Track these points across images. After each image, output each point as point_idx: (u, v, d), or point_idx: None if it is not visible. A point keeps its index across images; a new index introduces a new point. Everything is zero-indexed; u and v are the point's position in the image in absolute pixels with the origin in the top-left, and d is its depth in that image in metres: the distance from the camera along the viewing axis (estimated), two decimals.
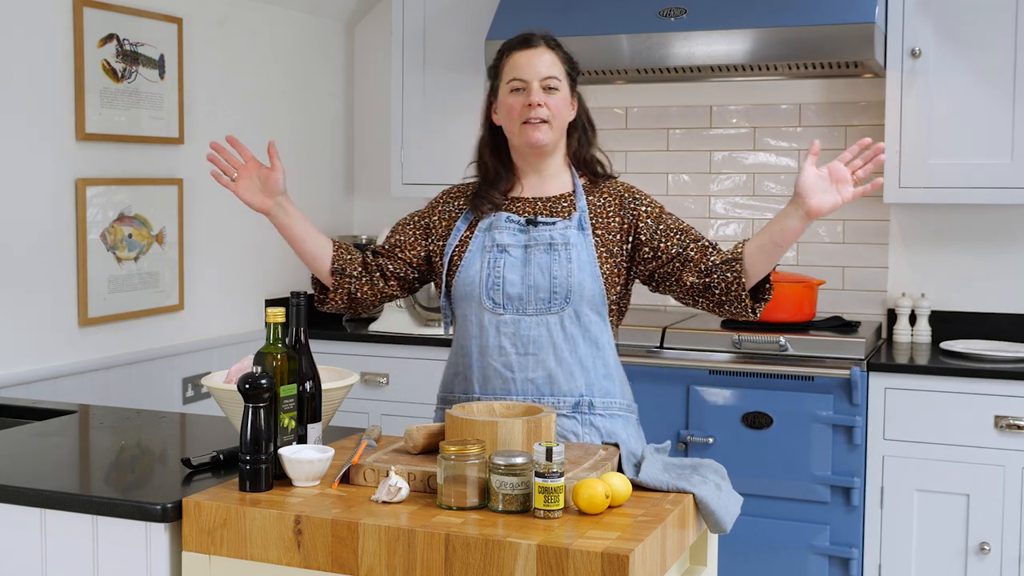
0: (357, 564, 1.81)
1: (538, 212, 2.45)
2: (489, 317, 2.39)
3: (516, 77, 2.40)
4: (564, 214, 2.44)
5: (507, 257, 2.40)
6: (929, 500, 3.47)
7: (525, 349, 2.38)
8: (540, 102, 2.38)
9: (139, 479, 2.21)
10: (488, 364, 2.40)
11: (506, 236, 2.42)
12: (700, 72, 3.83)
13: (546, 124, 2.39)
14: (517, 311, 2.38)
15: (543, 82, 2.39)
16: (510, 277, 2.39)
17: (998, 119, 3.58)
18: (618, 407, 2.44)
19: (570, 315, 2.37)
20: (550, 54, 2.42)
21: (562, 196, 2.47)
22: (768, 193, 4.19)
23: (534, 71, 2.39)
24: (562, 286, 2.37)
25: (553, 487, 1.82)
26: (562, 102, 2.42)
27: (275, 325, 2.03)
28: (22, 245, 3.17)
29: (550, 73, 2.40)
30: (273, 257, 4.23)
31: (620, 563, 1.66)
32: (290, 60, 4.29)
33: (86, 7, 3.31)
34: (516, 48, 2.43)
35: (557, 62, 2.42)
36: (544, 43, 2.43)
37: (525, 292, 2.38)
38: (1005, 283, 3.91)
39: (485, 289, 2.39)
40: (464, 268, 2.43)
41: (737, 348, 3.63)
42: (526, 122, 2.39)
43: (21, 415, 2.70)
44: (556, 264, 2.38)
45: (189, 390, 3.79)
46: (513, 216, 2.44)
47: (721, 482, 2.09)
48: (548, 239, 2.40)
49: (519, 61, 2.41)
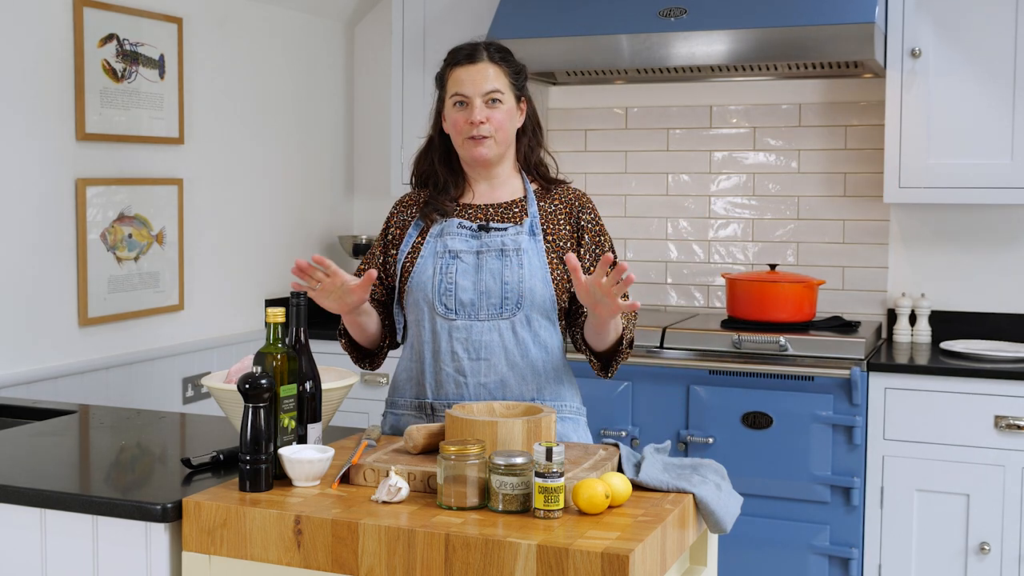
0: (357, 564, 1.81)
1: (490, 218, 2.46)
2: (441, 323, 2.40)
3: (458, 92, 2.42)
4: (516, 220, 2.45)
5: (459, 263, 2.41)
6: (929, 500, 3.47)
7: (477, 354, 2.39)
8: (482, 119, 2.39)
9: (139, 479, 2.21)
10: (441, 369, 2.41)
11: (458, 242, 2.43)
12: (700, 72, 3.83)
13: (490, 139, 2.41)
14: (469, 316, 2.39)
15: (485, 96, 2.40)
16: (462, 283, 2.40)
17: (998, 119, 3.58)
18: (569, 410, 2.47)
19: (521, 320, 2.39)
20: (493, 68, 2.42)
21: (513, 202, 2.48)
22: (768, 193, 4.19)
23: (476, 87, 2.40)
24: (513, 292, 2.38)
25: (553, 487, 1.82)
26: (506, 115, 2.42)
27: (275, 325, 2.03)
28: (22, 245, 3.17)
29: (492, 87, 2.40)
30: (273, 257, 4.23)
31: (620, 563, 1.66)
32: (290, 60, 4.29)
33: (86, 7, 3.31)
34: (459, 63, 2.44)
35: (500, 75, 2.43)
36: (487, 57, 2.43)
37: (477, 298, 2.39)
38: (1005, 283, 3.92)
39: (437, 295, 2.40)
40: (416, 274, 2.43)
41: (737, 348, 3.63)
42: (470, 137, 2.41)
43: (21, 415, 2.70)
44: (508, 270, 2.39)
45: (189, 390, 3.79)
46: (465, 222, 2.45)
47: (721, 482, 2.09)
48: (500, 245, 2.41)
49: (461, 76, 2.42)
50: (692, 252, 4.28)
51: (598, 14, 3.77)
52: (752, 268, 4.21)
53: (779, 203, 4.18)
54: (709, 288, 4.27)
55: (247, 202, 4.08)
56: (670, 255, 4.30)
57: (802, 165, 4.14)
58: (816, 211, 4.13)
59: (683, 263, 4.29)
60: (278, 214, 4.26)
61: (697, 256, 4.28)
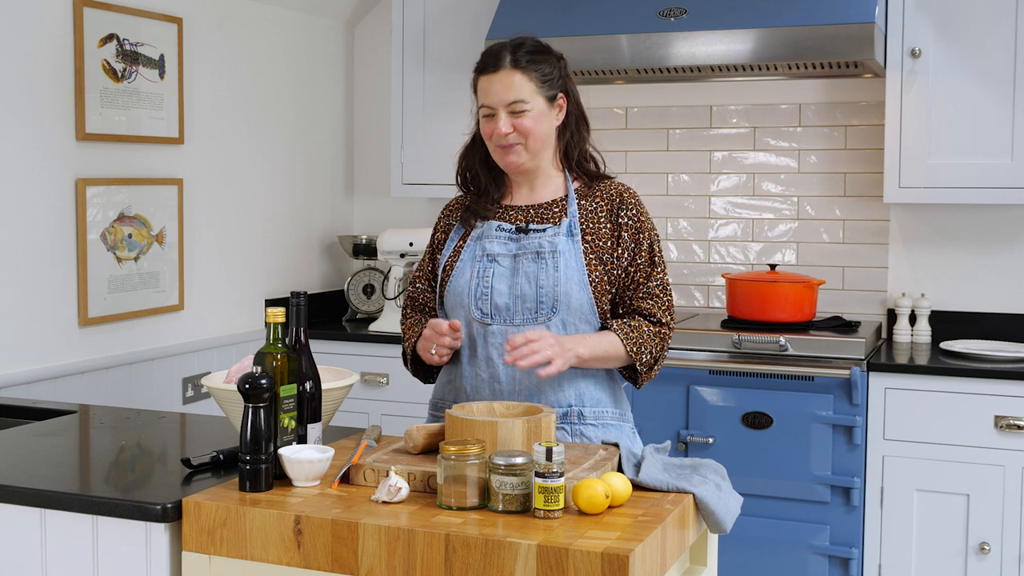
0: (357, 564, 1.81)
1: (529, 220, 2.43)
2: (477, 327, 2.38)
3: (484, 104, 2.39)
4: (555, 220, 2.41)
5: (496, 267, 2.39)
6: (929, 500, 3.47)
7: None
8: (507, 130, 2.36)
9: (139, 479, 2.21)
10: (477, 375, 2.39)
11: (496, 245, 2.41)
12: (700, 72, 3.83)
13: (519, 146, 2.38)
14: (505, 321, 2.37)
15: (509, 107, 2.36)
16: (498, 287, 2.37)
17: (998, 119, 3.58)
18: (610, 416, 2.42)
19: (557, 325, 2.35)
20: (516, 75, 2.35)
21: (554, 202, 2.44)
22: (768, 193, 4.19)
23: (498, 98, 2.36)
24: (548, 296, 2.34)
25: (553, 487, 1.82)
26: (534, 120, 2.37)
27: (275, 325, 2.03)
28: (22, 245, 3.17)
29: (515, 97, 2.35)
30: (273, 257, 4.23)
31: (620, 563, 1.66)
32: (290, 60, 4.29)
33: (86, 7, 3.31)
34: (482, 72, 2.40)
35: (525, 81, 2.36)
36: (510, 63, 2.36)
37: (512, 302, 2.36)
38: (1005, 283, 3.92)
39: (474, 299, 2.38)
40: (455, 278, 2.42)
41: (737, 348, 3.62)
42: (500, 146, 2.39)
43: (21, 415, 2.70)
44: (543, 273, 2.35)
45: (189, 390, 3.79)
46: (504, 224, 2.43)
47: (721, 482, 2.09)
48: (536, 247, 2.37)
49: (485, 87, 2.39)
50: (692, 252, 4.28)
51: (598, 14, 3.77)
52: (752, 268, 4.21)
53: (779, 203, 4.18)
54: (709, 288, 4.27)
55: (247, 202, 4.08)
56: (670, 255, 4.30)
57: (802, 165, 4.14)
58: (816, 211, 4.13)
59: (683, 263, 4.29)
60: (278, 214, 4.25)
61: (697, 256, 4.28)
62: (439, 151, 4.22)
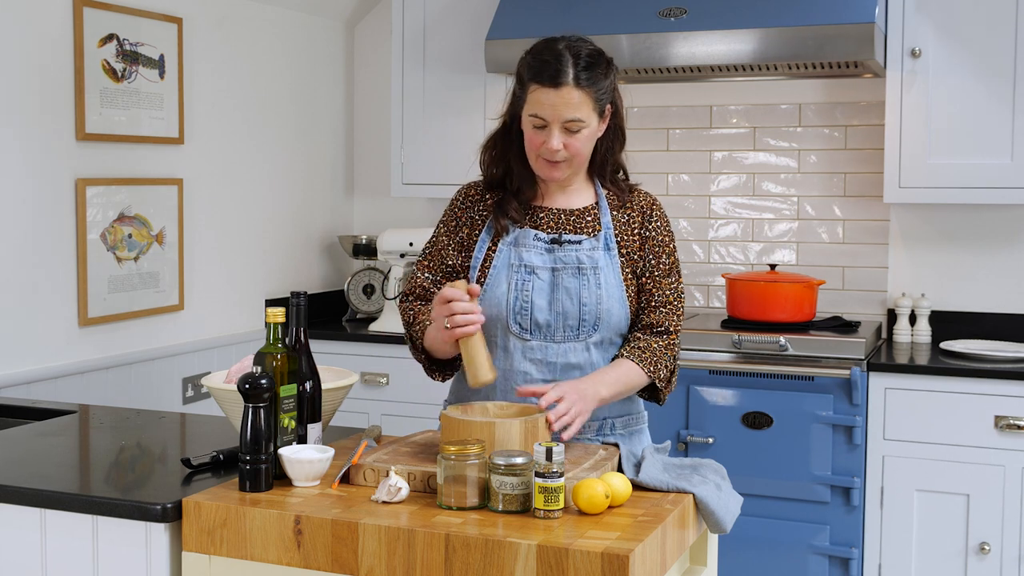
0: (357, 564, 1.81)
1: (562, 227, 2.33)
2: (515, 341, 2.30)
3: (537, 115, 2.23)
4: (589, 231, 2.33)
5: (535, 280, 2.29)
6: (929, 500, 3.47)
7: (552, 375, 2.29)
8: (559, 147, 2.23)
9: (139, 479, 2.21)
10: (511, 389, 2.30)
11: (534, 256, 2.30)
12: (700, 72, 3.83)
13: (564, 163, 2.27)
14: (544, 338, 2.29)
15: (565, 124, 2.23)
16: (538, 302, 2.28)
17: (998, 119, 3.58)
18: (636, 421, 2.43)
19: (597, 342, 2.30)
20: (578, 93, 2.21)
21: (586, 209, 2.35)
22: (768, 193, 4.19)
23: (556, 113, 2.22)
24: (591, 314, 2.28)
25: (553, 487, 1.82)
26: (585, 140, 2.27)
27: (275, 325, 2.03)
28: (22, 245, 3.17)
29: (573, 116, 2.22)
30: (273, 257, 4.23)
31: (620, 563, 1.66)
32: (290, 60, 4.29)
33: (86, 7, 3.31)
34: (542, 83, 2.22)
35: (585, 100, 2.22)
36: (573, 80, 2.21)
37: (553, 319, 2.28)
38: (1005, 283, 3.91)
39: (512, 313, 2.29)
40: (490, 287, 2.31)
41: (737, 348, 3.62)
42: (546, 160, 2.27)
43: (21, 415, 2.70)
44: (585, 290, 2.28)
45: (189, 390, 3.79)
46: (540, 234, 2.32)
47: (721, 482, 2.09)
48: (576, 261, 2.29)
49: (542, 99, 2.22)
50: (692, 252, 4.28)
51: (598, 14, 3.77)
52: (752, 268, 4.21)
53: (779, 203, 4.18)
54: (709, 288, 4.27)
55: (247, 202, 4.08)
56: None
57: (802, 165, 4.14)
58: (816, 211, 4.13)
59: (683, 263, 4.28)
60: (278, 214, 4.25)
61: (697, 256, 4.28)
62: (439, 151, 4.22)
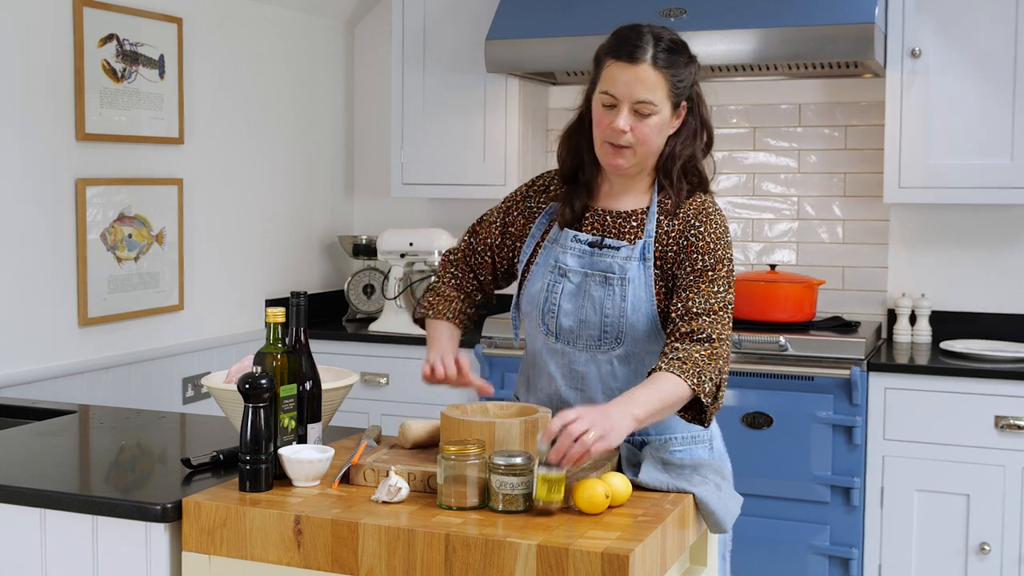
0: (357, 564, 1.81)
1: (606, 230, 2.25)
2: (543, 341, 2.28)
3: (608, 92, 2.16)
4: (630, 237, 2.23)
5: (566, 283, 2.23)
6: (929, 500, 3.47)
7: (573, 383, 2.25)
8: (625, 127, 2.14)
9: (139, 479, 2.21)
10: (539, 388, 2.31)
11: (569, 258, 2.24)
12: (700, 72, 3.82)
13: (629, 150, 2.17)
14: (568, 343, 2.24)
15: (635, 105, 2.14)
16: (565, 306, 2.23)
17: (998, 119, 3.58)
18: (679, 441, 2.25)
19: (621, 356, 2.21)
20: (653, 73, 2.13)
21: (634, 213, 2.25)
22: (768, 193, 4.19)
23: (628, 91, 2.13)
24: (613, 326, 2.19)
25: (555, 478, 1.82)
26: (655, 128, 2.17)
27: (275, 325, 2.03)
28: (22, 245, 3.17)
29: (646, 98, 2.13)
30: (273, 257, 4.23)
31: (620, 563, 1.66)
32: (290, 60, 4.29)
33: (86, 7, 3.31)
34: (616, 57, 2.16)
35: (661, 82, 2.14)
36: (651, 59, 2.14)
37: (576, 326, 2.22)
38: (1005, 283, 3.91)
39: (542, 314, 2.26)
40: (529, 284, 2.29)
41: (737, 348, 3.62)
42: (609, 142, 2.18)
43: (21, 415, 2.70)
44: (609, 300, 2.19)
45: (189, 390, 3.79)
46: (581, 235, 2.25)
47: (721, 482, 2.09)
48: (606, 268, 2.20)
49: (616, 75, 2.15)
50: None
51: (598, 14, 3.77)
52: (752, 268, 4.21)
53: (779, 203, 4.18)
54: None
55: (247, 202, 4.08)
56: None
57: (802, 165, 4.14)
58: (816, 211, 4.13)
59: None
60: (278, 214, 4.25)
61: None
62: (439, 151, 4.22)
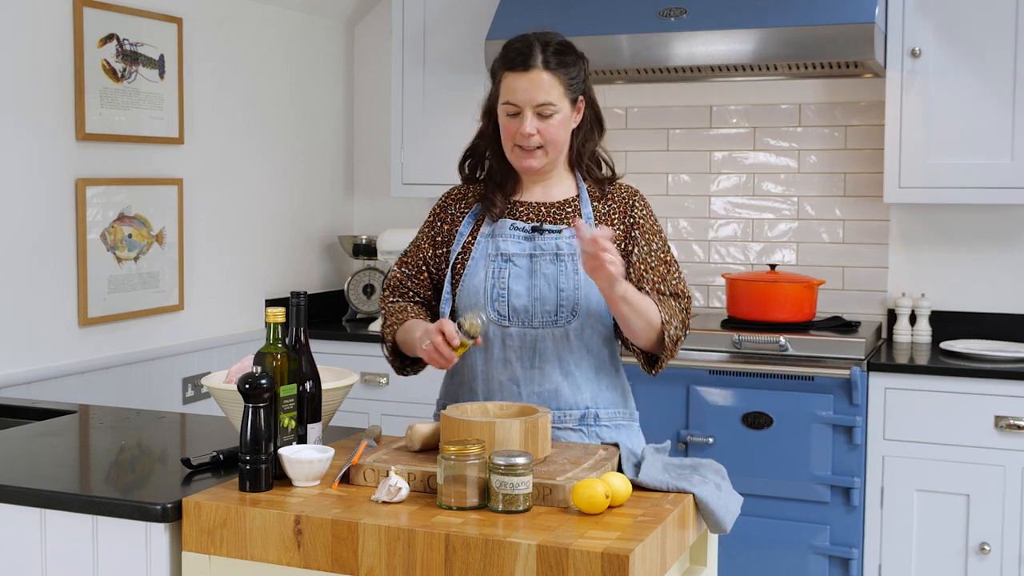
0: (357, 564, 1.81)
1: (543, 218, 2.39)
2: (494, 329, 2.34)
3: (510, 101, 2.32)
4: (569, 221, 2.37)
5: (512, 267, 2.34)
6: (929, 500, 3.47)
7: (531, 363, 2.33)
8: (532, 131, 2.30)
9: (139, 479, 2.21)
10: (493, 377, 2.35)
11: (511, 244, 2.36)
12: (700, 72, 3.83)
13: (539, 150, 2.33)
14: (523, 324, 2.33)
15: (537, 108, 2.30)
16: (516, 288, 2.33)
17: (998, 119, 3.58)
18: (622, 417, 2.42)
19: (576, 328, 2.32)
20: (547, 75, 2.30)
21: (567, 201, 2.40)
22: (768, 193, 4.19)
23: (527, 97, 2.30)
24: (569, 299, 2.31)
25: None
26: (559, 125, 2.33)
27: (275, 325, 2.03)
28: (22, 245, 3.17)
29: (545, 100, 2.30)
30: (273, 257, 4.23)
31: (620, 563, 1.66)
32: (290, 60, 4.29)
33: (86, 7, 3.31)
34: (511, 68, 2.32)
35: (555, 83, 2.31)
36: (542, 63, 2.30)
37: (531, 304, 2.32)
38: (1005, 283, 3.91)
39: (490, 301, 2.34)
40: (468, 277, 2.37)
41: (737, 348, 3.62)
42: (519, 146, 2.33)
43: (21, 415, 2.70)
44: (563, 276, 2.32)
45: (189, 390, 3.79)
46: (518, 223, 2.38)
47: (721, 482, 2.09)
48: (555, 248, 2.33)
49: (514, 84, 2.31)
50: (692, 252, 4.28)
51: (598, 14, 3.77)
52: (752, 268, 4.21)
53: (778, 203, 4.18)
54: (709, 288, 4.27)
55: (247, 202, 4.08)
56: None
57: (802, 165, 4.14)
58: (816, 211, 4.13)
59: (683, 263, 4.28)
60: (278, 214, 4.25)
61: (697, 256, 4.28)
62: (439, 151, 4.22)
